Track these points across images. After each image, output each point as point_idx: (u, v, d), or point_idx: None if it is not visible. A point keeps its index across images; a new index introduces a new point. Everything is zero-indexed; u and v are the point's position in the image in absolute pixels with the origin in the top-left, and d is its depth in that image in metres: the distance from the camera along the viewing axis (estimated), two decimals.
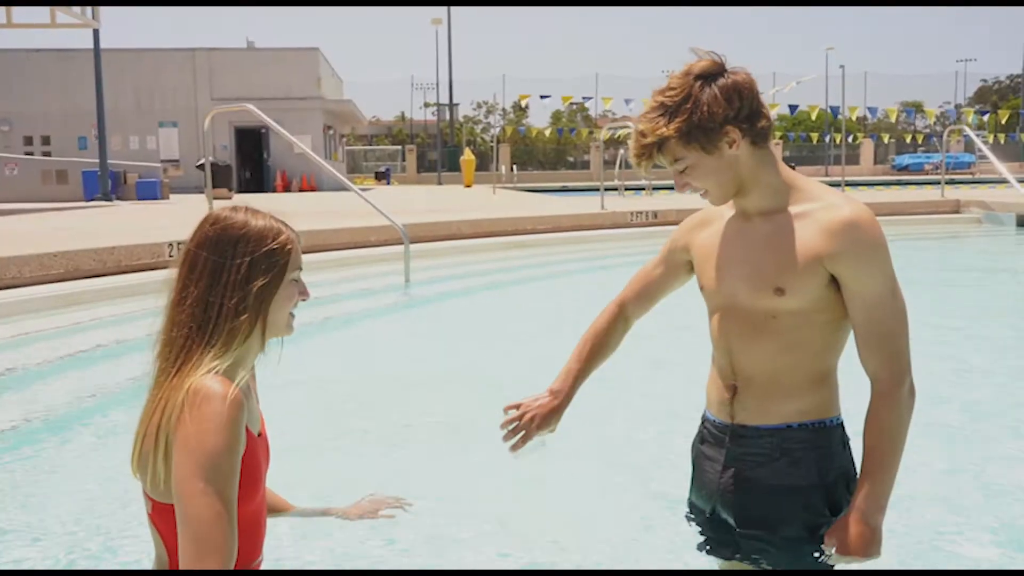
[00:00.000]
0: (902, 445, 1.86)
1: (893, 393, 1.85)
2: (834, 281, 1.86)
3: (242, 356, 1.64)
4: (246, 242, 1.63)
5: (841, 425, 1.98)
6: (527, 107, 67.90)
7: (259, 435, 1.73)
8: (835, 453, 1.95)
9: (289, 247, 1.68)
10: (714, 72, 1.84)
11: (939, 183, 19.07)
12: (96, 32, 20.47)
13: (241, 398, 1.56)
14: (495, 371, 5.39)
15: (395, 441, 4.14)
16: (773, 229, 1.90)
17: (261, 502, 1.72)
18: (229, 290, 1.61)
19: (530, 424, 2.11)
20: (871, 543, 1.82)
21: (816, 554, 1.91)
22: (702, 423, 2.12)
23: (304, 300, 1.74)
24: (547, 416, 2.13)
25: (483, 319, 7.65)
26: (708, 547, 2.09)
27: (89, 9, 18.03)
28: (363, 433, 4.28)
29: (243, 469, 1.58)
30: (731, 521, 2.01)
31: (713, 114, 1.82)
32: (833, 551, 1.85)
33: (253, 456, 1.64)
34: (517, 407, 2.14)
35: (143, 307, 7.01)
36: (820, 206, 1.87)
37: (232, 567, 1.48)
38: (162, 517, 1.60)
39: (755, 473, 1.96)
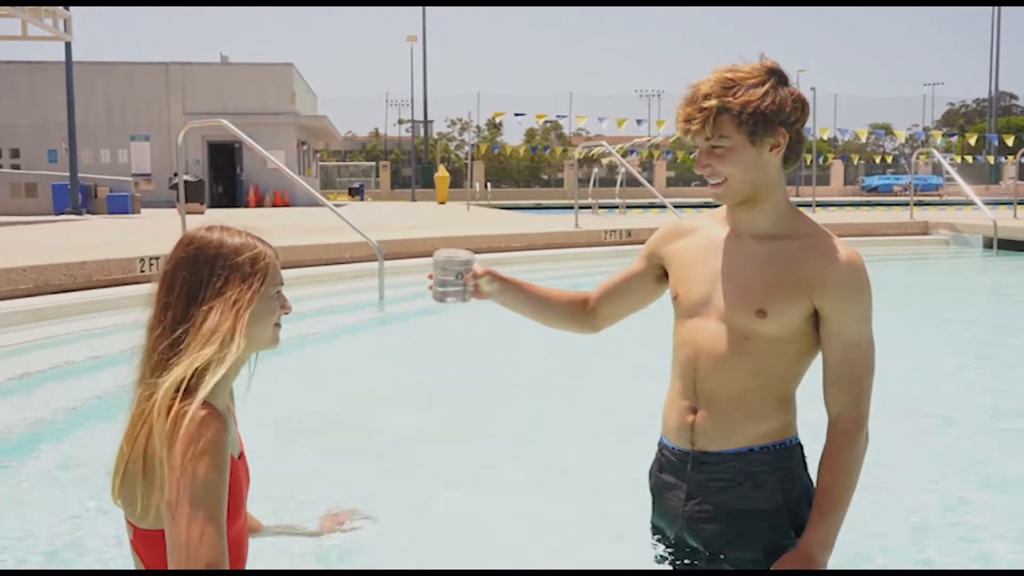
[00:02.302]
0: (855, 487, 1.89)
1: (855, 434, 1.88)
2: (814, 316, 1.88)
3: (223, 375, 1.64)
4: (223, 260, 1.63)
5: (800, 444, 2.00)
6: (501, 124, 68.17)
7: (239, 457, 1.73)
8: (796, 473, 1.97)
9: (266, 263, 1.68)
10: (786, 77, 1.88)
11: (908, 204, 19.31)
12: (68, 44, 20.31)
13: (224, 421, 1.56)
14: (469, 388, 5.39)
15: (368, 458, 4.12)
16: (765, 252, 1.91)
17: (243, 524, 1.72)
18: (208, 309, 1.61)
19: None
20: None
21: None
22: (659, 450, 2.11)
23: (287, 313, 1.75)
24: (480, 273, 2.14)
25: (458, 336, 7.63)
26: (675, 568, 2.09)
27: (61, 21, 17.90)
28: (336, 450, 4.26)
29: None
30: (697, 546, 2.02)
31: (779, 109, 1.83)
32: None
33: (235, 479, 1.64)
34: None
35: (114, 322, 6.95)
36: (817, 240, 1.89)
37: None
38: (144, 544, 1.59)
39: (719, 498, 1.96)
